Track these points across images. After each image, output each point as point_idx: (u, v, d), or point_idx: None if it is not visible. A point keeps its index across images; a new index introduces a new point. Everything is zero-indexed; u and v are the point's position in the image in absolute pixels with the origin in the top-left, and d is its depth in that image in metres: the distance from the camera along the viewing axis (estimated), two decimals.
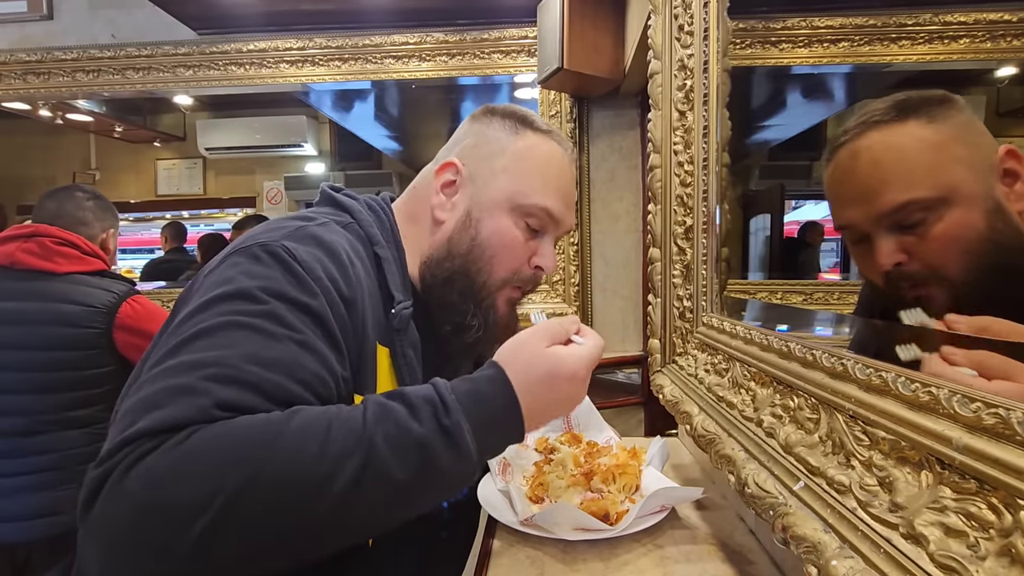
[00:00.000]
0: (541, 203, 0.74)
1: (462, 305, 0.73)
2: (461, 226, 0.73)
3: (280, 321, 0.53)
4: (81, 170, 3.86)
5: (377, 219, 0.74)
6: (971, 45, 0.53)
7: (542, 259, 0.76)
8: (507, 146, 0.75)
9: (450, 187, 0.75)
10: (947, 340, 0.39)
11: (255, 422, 0.46)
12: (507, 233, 0.73)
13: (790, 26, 0.76)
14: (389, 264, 0.69)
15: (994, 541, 0.30)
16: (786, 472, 0.51)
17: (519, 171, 0.74)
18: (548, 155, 0.76)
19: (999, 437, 0.31)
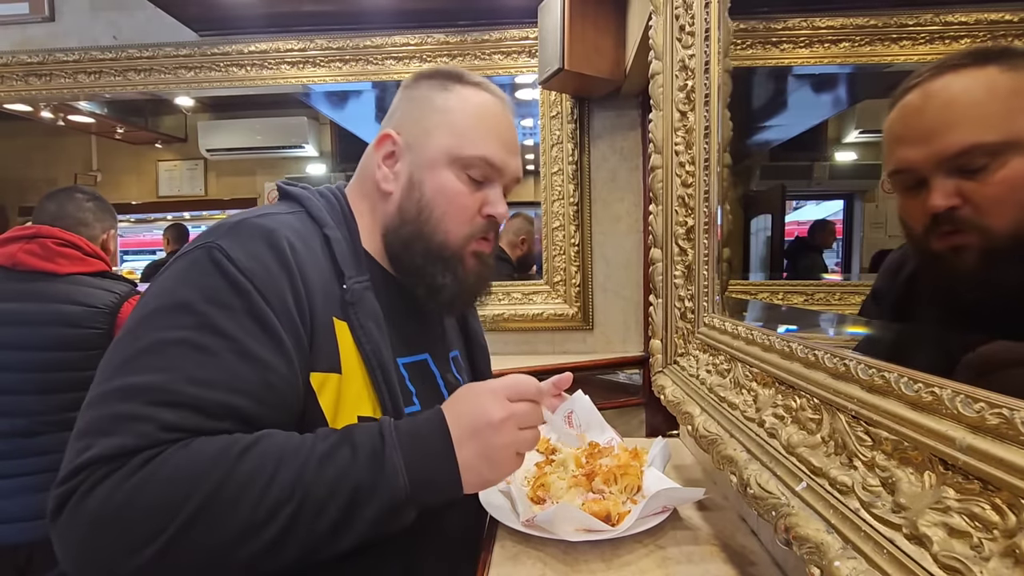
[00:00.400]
0: (478, 152, 0.74)
1: (429, 267, 0.74)
2: (406, 192, 0.75)
3: (216, 331, 0.56)
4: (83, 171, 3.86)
5: (327, 203, 0.75)
6: (972, 45, 0.53)
7: (492, 207, 0.76)
8: (437, 104, 0.76)
9: (390, 158, 0.76)
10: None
11: (205, 459, 0.52)
12: (450, 187, 0.74)
13: (791, 26, 0.76)
14: (339, 244, 0.70)
15: (998, 542, 0.30)
16: (788, 473, 0.51)
17: (451, 124, 0.75)
18: (479, 105, 0.76)
19: (1003, 437, 0.31)
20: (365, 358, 0.66)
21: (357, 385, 0.66)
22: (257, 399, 0.57)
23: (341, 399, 0.65)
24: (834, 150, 0.76)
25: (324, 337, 0.64)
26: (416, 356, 0.78)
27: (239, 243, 0.61)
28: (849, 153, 0.74)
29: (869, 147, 0.72)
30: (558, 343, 2.20)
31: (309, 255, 0.66)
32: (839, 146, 0.75)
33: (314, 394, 0.63)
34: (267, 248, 0.62)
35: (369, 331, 0.67)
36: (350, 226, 0.75)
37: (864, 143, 0.71)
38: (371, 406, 0.67)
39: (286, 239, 0.64)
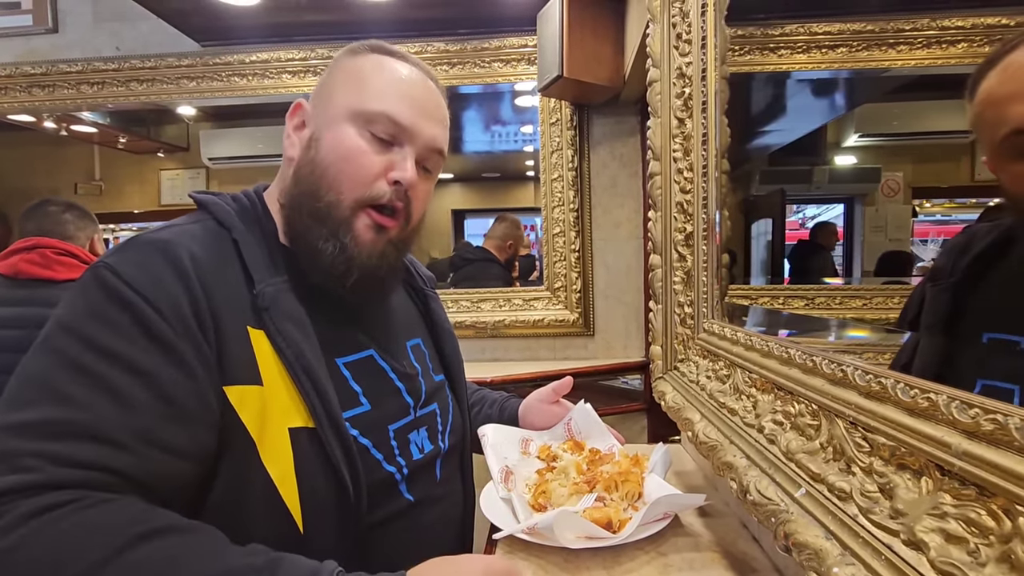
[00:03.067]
0: (380, 108, 0.67)
1: (313, 230, 0.67)
2: (305, 151, 0.69)
3: (102, 350, 0.53)
4: (85, 181, 3.88)
5: (239, 206, 0.70)
6: (969, 49, 0.53)
7: (399, 171, 0.68)
8: (345, 66, 0.72)
9: (300, 129, 0.72)
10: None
11: (94, 530, 0.47)
12: (346, 141, 0.67)
13: (788, 32, 0.77)
14: (248, 247, 0.65)
15: (994, 547, 0.30)
16: (787, 479, 0.51)
17: (354, 81, 0.70)
18: (390, 67, 0.71)
19: (998, 443, 0.31)
20: (287, 364, 0.61)
21: (282, 395, 0.60)
22: (153, 414, 0.53)
23: (267, 412, 0.59)
24: (833, 154, 0.77)
25: (237, 348, 0.59)
26: (360, 353, 0.72)
27: (128, 258, 0.58)
28: (848, 157, 0.75)
29: (868, 151, 0.72)
30: (559, 349, 2.20)
31: (214, 263, 0.61)
32: (838, 150, 0.75)
33: (233, 410, 0.58)
34: (160, 260, 0.58)
35: (288, 335, 0.62)
36: (264, 226, 0.69)
37: (863, 147, 0.72)
38: (302, 415, 0.61)
39: (184, 248, 0.59)
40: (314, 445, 0.60)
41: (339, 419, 0.62)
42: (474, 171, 3.81)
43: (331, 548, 0.60)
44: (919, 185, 0.65)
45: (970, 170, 0.55)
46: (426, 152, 0.72)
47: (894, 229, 0.66)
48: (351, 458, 0.62)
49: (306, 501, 0.59)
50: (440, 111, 0.74)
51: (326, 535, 0.61)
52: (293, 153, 0.71)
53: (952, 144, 0.59)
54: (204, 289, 0.58)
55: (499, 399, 1.05)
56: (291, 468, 0.59)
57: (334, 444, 0.61)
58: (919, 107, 0.65)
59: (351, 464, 0.62)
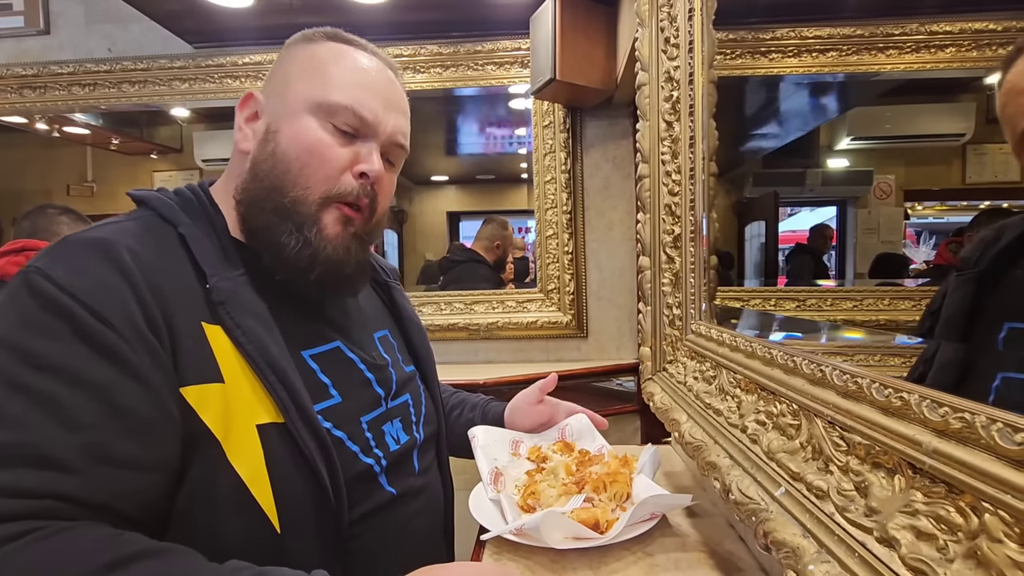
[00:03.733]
0: (343, 100, 0.65)
1: (276, 225, 0.64)
2: (262, 145, 0.66)
3: (41, 365, 0.48)
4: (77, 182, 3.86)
5: (182, 200, 0.66)
6: (957, 54, 0.54)
7: (366, 165, 0.66)
8: (301, 54, 0.68)
9: (253, 120, 0.68)
10: None
11: (59, 561, 0.43)
12: (309, 135, 0.65)
13: (779, 36, 0.77)
14: (197, 240, 0.61)
15: (962, 543, 0.31)
16: (768, 478, 0.51)
17: (314, 71, 0.67)
18: (350, 56, 0.68)
19: (966, 441, 0.32)
20: (250, 359, 0.58)
21: (246, 391, 0.57)
22: (103, 428, 0.49)
23: (230, 410, 0.56)
24: (826, 157, 0.77)
25: (192, 347, 0.56)
26: (326, 345, 0.69)
27: (61, 261, 0.53)
28: (841, 160, 0.75)
29: (861, 153, 0.73)
30: (552, 351, 2.21)
31: (158, 259, 0.57)
32: (831, 153, 0.75)
33: (194, 412, 0.54)
34: (98, 260, 0.53)
35: (249, 329, 0.59)
36: (213, 219, 0.66)
37: (856, 150, 0.72)
38: (270, 411, 0.58)
39: (124, 246, 0.55)
40: (285, 441, 0.58)
41: (310, 412, 0.60)
42: (468, 173, 3.82)
43: (310, 547, 0.59)
44: (911, 188, 0.65)
45: (961, 173, 0.56)
46: (389, 145, 0.70)
47: (887, 231, 0.67)
48: (326, 451, 0.60)
49: (281, 499, 0.57)
50: (403, 102, 0.73)
51: (304, 534, 0.59)
52: (247, 146, 0.68)
53: (943, 147, 0.59)
54: (150, 287, 0.54)
55: (479, 403, 1.03)
56: (262, 466, 0.56)
57: (307, 438, 0.58)
58: (910, 110, 0.66)
59: (327, 458, 0.59)
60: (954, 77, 0.58)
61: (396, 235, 3.49)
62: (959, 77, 0.57)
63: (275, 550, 0.56)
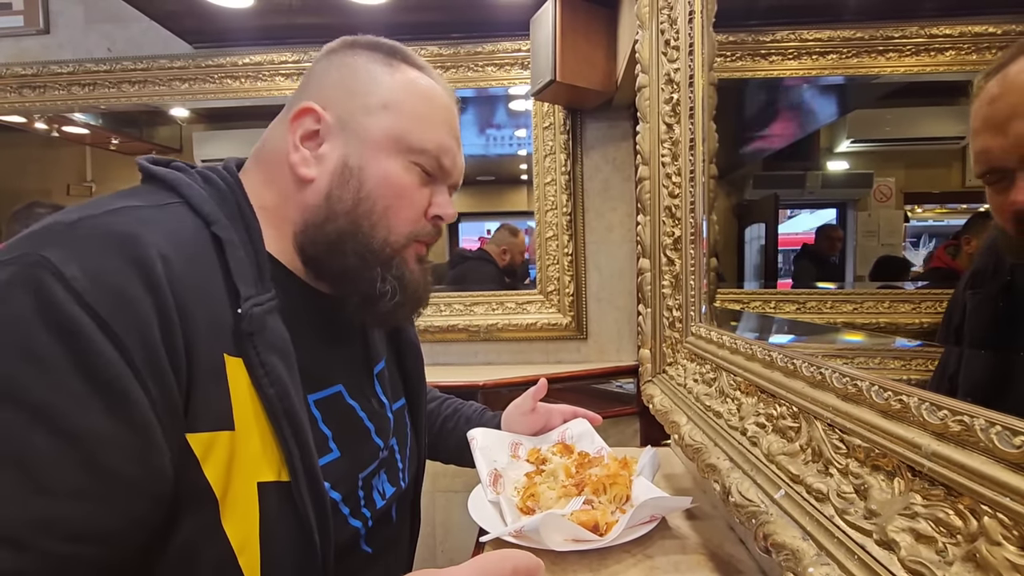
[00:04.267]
0: (432, 141, 0.63)
1: (366, 271, 0.61)
2: (339, 179, 0.60)
3: (17, 401, 0.39)
4: (77, 182, 3.86)
5: (216, 192, 0.56)
6: (957, 57, 0.54)
7: (439, 207, 0.65)
8: (383, 80, 0.62)
9: (312, 138, 0.61)
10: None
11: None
12: (399, 179, 0.61)
13: (779, 39, 0.78)
14: (234, 248, 0.52)
15: (960, 546, 0.31)
16: (768, 480, 0.52)
17: (400, 105, 0.62)
18: (430, 90, 0.65)
19: (964, 444, 0.32)
20: (267, 404, 0.50)
21: (255, 442, 0.50)
22: (70, 492, 0.40)
23: (235, 462, 0.48)
24: (826, 159, 0.77)
25: (210, 384, 0.47)
26: (328, 389, 0.63)
27: (78, 254, 0.43)
28: (841, 162, 0.75)
29: (861, 156, 0.73)
30: (552, 353, 2.21)
31: (190, 270, 0.48)
32: (831, 155, 0.75)
33: (196, 463, 0.46)
34: (123, 264, 0.44)
35: (273, 369, 0.51)
36: (249, 224, 0.56)
37: (856, 152, 0.73)
38: (275, 468, 0.51)
39: (155, 249, 0.46)
40: (284, 503, 0.51)
41: (317, 473, 0.53)
42: (468, 175, 3.77)
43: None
44: (911, 190, 0.65)
45: (961, 176, 0.56)
46: (454, 186, 0.70)
47: (886, 234, 0.67)
48: (323, 517, 0.53)
49: (267, 566, 0.50)
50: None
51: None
52: (311, 173, 0.60)
53: (943, 150, 0.59)
54: (179, 308, 0.46)
55: (473, 416, 1.01)
56: (255, 531, 0.49)
57: (308, 502, 0.52)
58: (910, 113, 0.66)
59: (322, 523, 0.53)
60: (954, 80, 0.58)
61: None
62: (959, 80, 0.57)
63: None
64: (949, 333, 0.54)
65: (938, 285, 0.58)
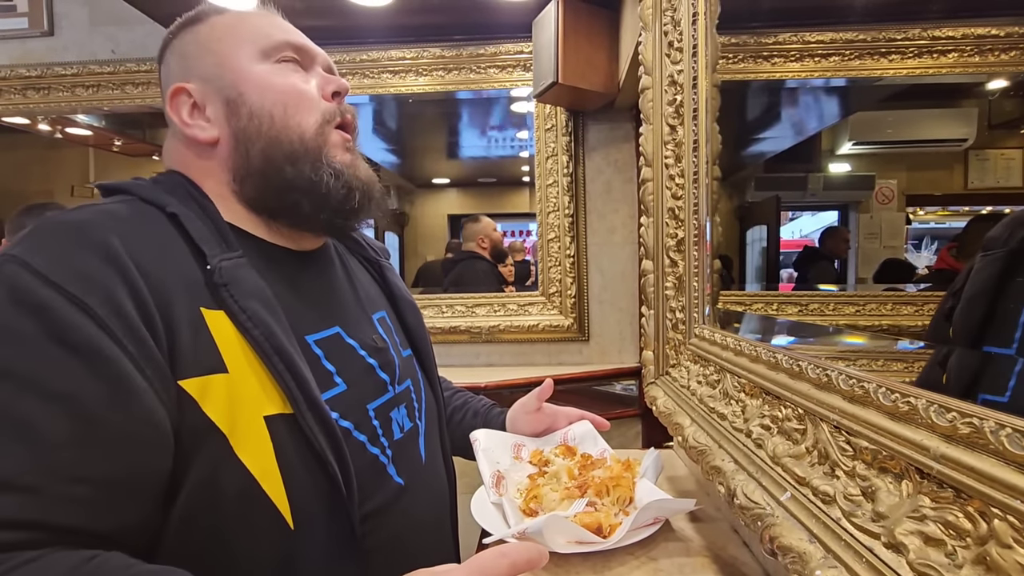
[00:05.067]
0: (279, 38, 0.66)
1: (302, 175, 0.63)
2: (234, 117, 0.63)
3: (4, 405, 0.44)
4: (80, 184, 3.87)
5: (163, 185, 0.62)
6: (960, 59, 0.54)
7: (329, 83, 0.67)
8: (207, 33, 0.66)
9: (196, 110, 0.64)
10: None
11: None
12: (275, 78, 0.64)
13: (781, 41, 0.77)
14: (190, 220, 0.58)
15: (970, 549, 0.31)
16: (774, 483, 0.51)
17: (234, 33, 0.65)
18: (246, 12, 0.69)
19: (974, 446, 0.32)
20: (255, 345, 0.54)
21: (252, 381, 0.54)
22: (74, 443, 0.44)
23: (236, 401, 0.52)
24: (828, 161, 0.77)
25: (192, 336, 0.52)
26: (327, 331, 0.66)
27: (41, 246, 0.48)
28: (843, 164, 0.75)
29: (863, 158, 0.73)
30: (554, 354, 2.20)
31: (148, 241, 0.53)
32: (833, 158, 0.75)
33: (196, 405, 0.50)
34: (80, 245, 0.49)
35: (254, 312, 0.55)
36: (201, 202, 0.61)
37: (857, 155, 0.73)
38: (278, 401, 0.55)
39: (108, 227, 0.51)
40: (294, 432, 0.55)
41: (319, 402, 0.56)
42: (470, 176, 3.82)
43: (323, 542, 0.56)
44: (913, 193, 0.65)
45: (963, 178, 0.56)
46: (327, 69, 0.70)
47: (888, 236, 0.67)
48: (336, 444, 0.57)
49: (294, 494, 0.54)
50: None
51: (318, 529, 0.56)
52: (211, 133, 0.64)
53: (945, 152, 0.59)
54: (142, 273, 0.50)
55: (481, 410, 1.02)
56: (272, 460, 0.53)
57: (316, 429, 0.55)
58: (912, 115, 0.66)
59: (336, 449, 0.56)
60: (956, 82, 0.58)
61: (397, 238, 3.49)
62: (961, 82, 0.57)
63: (288, 551, 0.54)
64: (949, 299, 0.53)
65: (941, 287, 0.58)
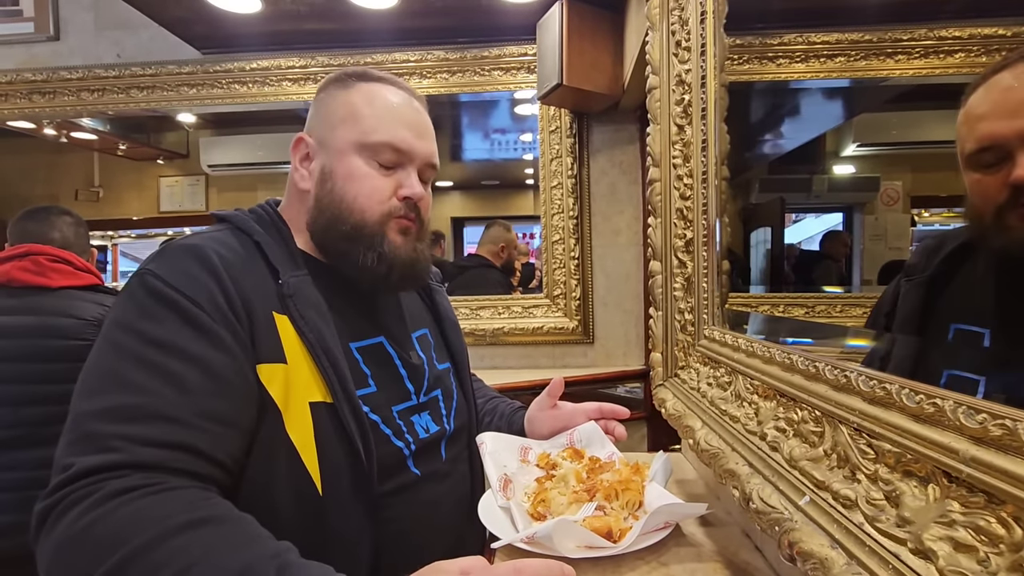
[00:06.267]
0: (381, 139, 0.78)
1: (352, 249, 0.78)
2: (320, 185, 0.79)
3: (157, 343, 0.61)
4: (84, 187, 3.89)
5: (255, 216, 0.80)
6: (966, 59, 0.53)
7: (407, 188, 0.80)
8: (341, 99, 0.81)
9: (306, 160, 0.82)
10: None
11: (154, 515, 0.52)
12: (358, 171, 0.78)
13: (787, 42, 0.77)
14: (269, 246, 0.75)
15: (1004, 556, 0.30)
16: (791, 487, 0.50)
17: (354, 115, 0.79)
18: (382, 96, 0.81)
19: (1006, 449, 0.31)
20: (308, 345, 0.69)
21: (304, 372, 0.69)
22: (207, 393, 0.61)
23: (290, 387, 0.68)
24: (832, 163, 0.76)
25: (265, 331, 0.68)
26: (370, 340, 0.81)
27: (165, 263, 0.67)
28: (847, 166, 0.75)
29: (867, 160, 0.72)
30: (558, 357, 2.19)
31: (238, 259, 0.71)
32: (837, 159, 0.75)
33: (263, 385, 0.66)
34: (192, 260, 0.67)
35: (310, 319, 0.71)
36: (281, 231, 0.79)
37: (862, 156, 0.72)
38: (321, 391, 0.69)
39: (211, 249, 0.69)
40: (332, 418, 0.68)
41: (353, 396, 0.70)
42: (473, 179, 3.82)
43: (347, 508, 0.69)
44: (918, 194, 0.64)
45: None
46: (424, 167, 0.83)
47: (893, 238, 0.66)
48: (364, 431, 0.69)
49: (325, 467, 0.67)
50: (429, 129, 0.86)
51: (342, 497, 0.69)
52: (306, 185, 0.81)
53: (950, 153, 0.58)
54: (233, 281, 0.68)
55: (508, 412, 1.05)
56: (311, 437, 0.67)
57: (349, 418, 0.69)
58: (917, 116, 0.65)
59: (363, 436, 0.69)
60: (962, 83, 0.57)
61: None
62: (967, 83, 0.57)
63: (318, 509, 0.67)
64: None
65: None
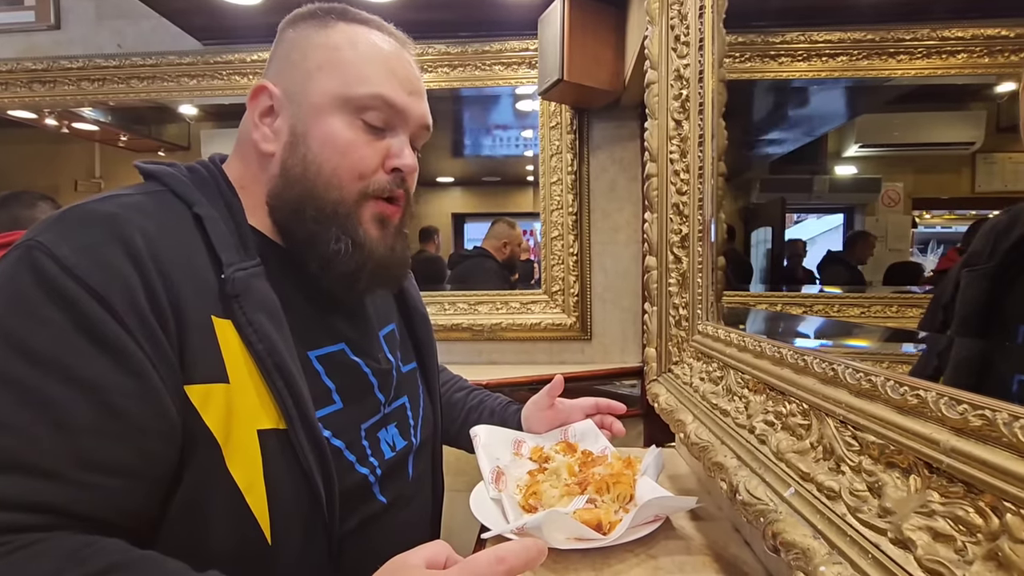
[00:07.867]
0: (372, 90, 0.62)
1: (322, 232, 0.62)
2: (290, 149, 0.62)
3: (31, 357, 0.45)
4: (85, 179, 3.89)
5: (196, 178, 0.62)
6: (969, 60, 0.53)
7: (398, 158, 0.64)
8: (316, 42, 0.63)
9: (268, 114, 0.64)
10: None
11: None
12: (340, 136, 0.62)
13: (789, 40, 0.77)
14: (214, 223, 0.57)
15: (981, 545, 0.30)
16: (777, 479, 0.50)
17: (337, 63, 0.62)
18: (370, 42, 0.64)
19: (986, 439, 0.31)
20: (258, 360, 0.54)
21: (251, 394, 0.54)
22: (96, 432, 0.46)
23: (233, 413, 0.53)
24: (834, 164, 0.76)
25: (200, 341, 0.52)
26: (332, 347, 0.66)
27: (65, 235, 0.49)
28: (849, 167, 0.74)
29: (868, 161, 0.72)
30: (556, 353, 2.20)
31: (171, 242, 0.53)
32: (839, 160, 0.75)
33: (195, 411, 0.51)
34: (106, 238, 0.49)
35: (260, 326, 0.55)
36: (230, 202, 0.61)
37: (864, 157, 0.72)
38: (273, 416, 0.55)
39: (136, 225, 0.51)
40: (285, 449, 0.55)
41: (313, 421, 0.57)
42: (474, 175, 3.82)
43: (299, 557, 0.56)
44: (919, 196, 0.64)
45: (970, 181, 0.55)
46: (418, 131, 0.68)
47: (894, 239, 0.66)
48: (324, 463, 0.57)
49: (275, 510, 0.54)
50: (421, 83, 0.70)
51: (294, 545, 0.56)
52: (270, 147, 0.64)
53: (952, 155, 0.58)
54: (161, 274, 0.51)
55: (498, 409, 1.02)
56: (259, 474, 0.53)
57: (306, 448, 0.55)
58: (919, 117, 0.65)
59: (324, 470, 0.57)
60: (964, 84, 0.57)
61: None
62: (969, 84, 0.56)
63: (264, 561, 0.54)
64: (936, 309, 0.54)
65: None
